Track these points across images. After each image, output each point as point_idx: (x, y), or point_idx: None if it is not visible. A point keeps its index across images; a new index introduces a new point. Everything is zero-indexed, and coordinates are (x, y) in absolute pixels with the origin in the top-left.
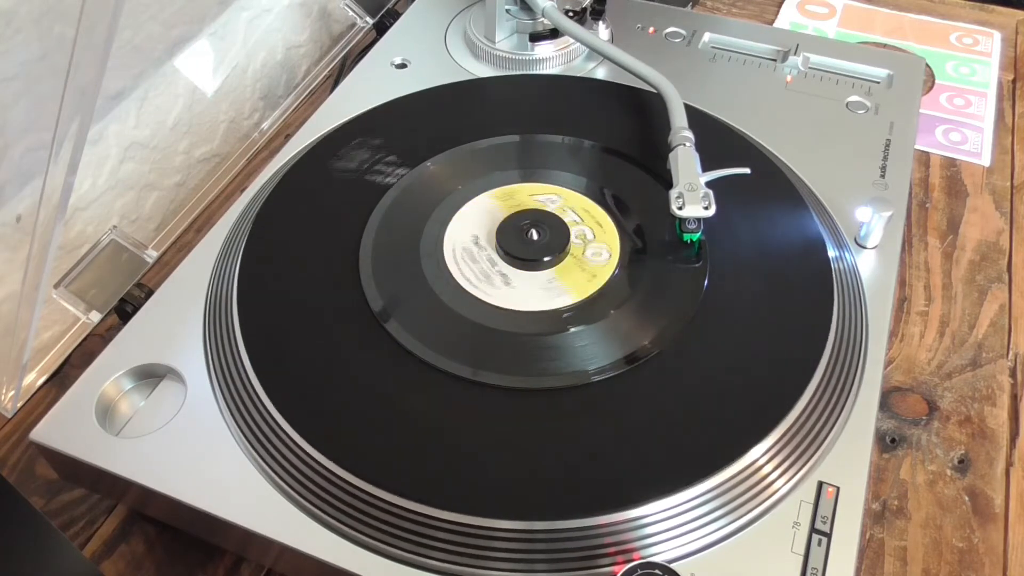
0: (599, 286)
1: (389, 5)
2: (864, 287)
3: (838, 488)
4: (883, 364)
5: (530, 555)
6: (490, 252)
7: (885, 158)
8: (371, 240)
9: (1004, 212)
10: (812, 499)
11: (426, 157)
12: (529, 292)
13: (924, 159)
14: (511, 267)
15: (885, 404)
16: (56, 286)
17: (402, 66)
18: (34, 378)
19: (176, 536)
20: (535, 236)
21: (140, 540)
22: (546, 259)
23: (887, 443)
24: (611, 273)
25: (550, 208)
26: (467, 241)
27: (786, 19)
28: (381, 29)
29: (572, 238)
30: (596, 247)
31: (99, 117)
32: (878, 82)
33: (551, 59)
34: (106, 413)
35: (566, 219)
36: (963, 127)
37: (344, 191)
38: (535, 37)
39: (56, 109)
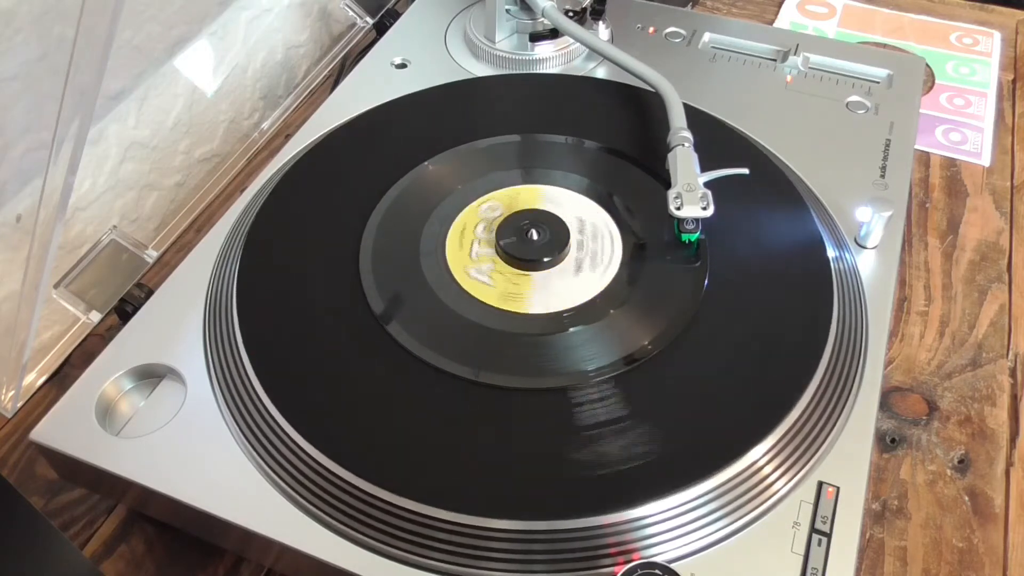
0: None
1: (389, 5)
2: (864, 287)
3: (838, 488)
4: (883, 364)
5: (530, 555)
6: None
7: (885, 158)
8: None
9: (1004, 212)
10: (812, 499)
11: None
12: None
13: (924, 159)
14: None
15: (885, 404)
16: (56, 286)
17: (402, 66)
18: (34, 378)
19: (176, 536)
20: (535, 236)
21: (140, 540)
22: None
23: (887, 443)
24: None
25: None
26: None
27: (786, 19)
28: (381, 29)
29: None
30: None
31: (99, 117)
32: (878, 82)
33: (551, 59)
34: (106, 413)
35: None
36: (963, 127)
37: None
38: (535, 37)
39: (56, 109)
